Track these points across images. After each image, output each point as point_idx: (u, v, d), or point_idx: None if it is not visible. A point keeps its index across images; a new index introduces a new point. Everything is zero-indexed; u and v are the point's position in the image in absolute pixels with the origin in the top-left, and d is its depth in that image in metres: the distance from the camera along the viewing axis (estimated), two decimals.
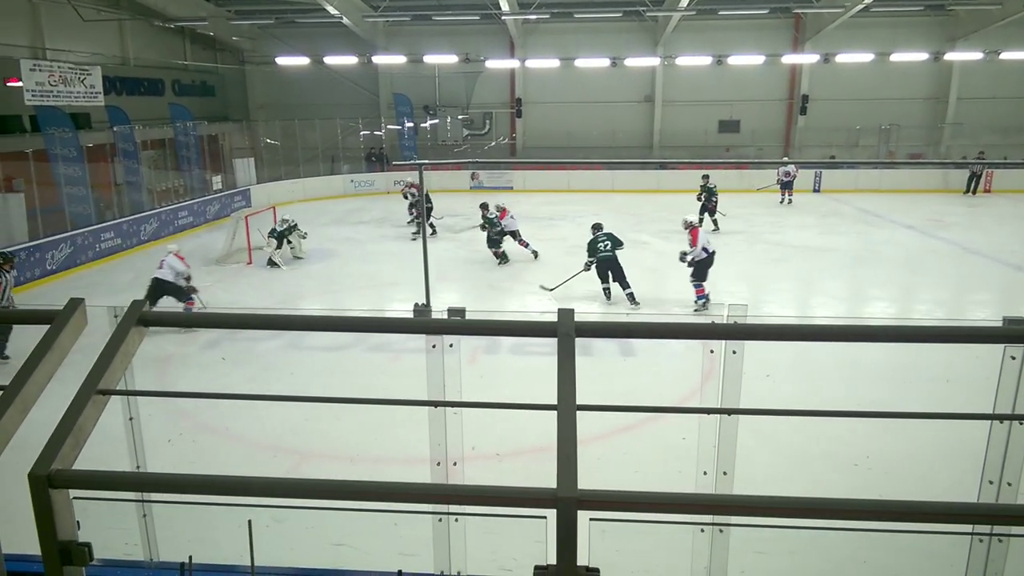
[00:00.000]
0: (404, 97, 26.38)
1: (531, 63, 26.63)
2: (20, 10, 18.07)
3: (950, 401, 7.17)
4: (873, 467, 6.09)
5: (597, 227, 11.56)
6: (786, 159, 23.66)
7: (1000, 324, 2.26)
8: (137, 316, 1.82)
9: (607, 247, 11.01)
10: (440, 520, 2.64)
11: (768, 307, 11.40)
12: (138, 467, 3.03)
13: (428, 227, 16.70)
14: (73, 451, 1.53)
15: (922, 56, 24.43)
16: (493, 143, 28.06)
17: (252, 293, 12.42)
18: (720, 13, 24.65)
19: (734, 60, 25.13)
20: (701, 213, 17.00)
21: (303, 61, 26.05)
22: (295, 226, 14.77)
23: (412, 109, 26.50)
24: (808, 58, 25.52)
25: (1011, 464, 2.41)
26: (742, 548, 2.80)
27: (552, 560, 1.37)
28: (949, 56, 24.66)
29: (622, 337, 6.10)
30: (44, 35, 18.59)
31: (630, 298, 11.01)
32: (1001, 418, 2.43)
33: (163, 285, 10.41)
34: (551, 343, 1.72)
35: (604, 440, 6.50)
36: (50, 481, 1.43)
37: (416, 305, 2.63)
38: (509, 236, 14.24)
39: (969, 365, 7.51)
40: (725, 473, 2.65)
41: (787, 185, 21.29)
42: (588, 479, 1.42)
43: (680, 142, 26.56)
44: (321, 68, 26.61)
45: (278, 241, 14.36)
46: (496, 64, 26.64)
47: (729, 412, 2.52)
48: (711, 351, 2.63)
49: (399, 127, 26.44)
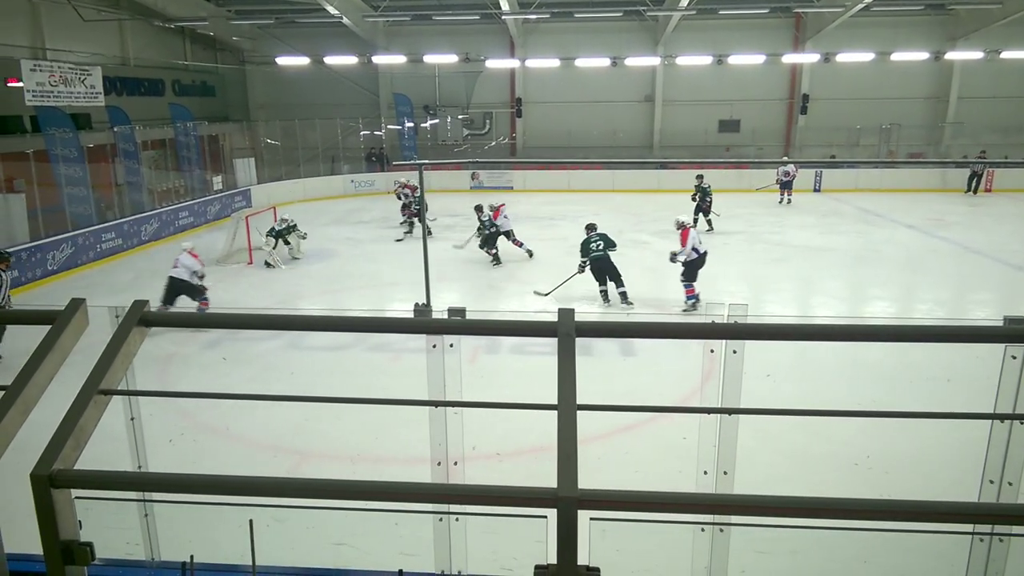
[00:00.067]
0: (404, 97, 26.39)
1: (531, 63, 26.63)
2: (20, 10, 18.07)
3: (951, 401, 7.17)
4: (874, 467, 6.09)
5: (591, 227, 11.58)
6: (786, 159, 23.65)
7: (1001, 324, 2.26)
8: (138, 316, 1.83)
9: (599, 247, 11.02)
10: (441, 520, 2.64)
11: (768, 307, 11.40)
12: (139, 467, 3.03)
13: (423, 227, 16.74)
14: (75, 451, 1.53)
15: (923, 55, 24.43)
16: (493, 143, 28.06)
17: (252, 293, 12.42)
18: (720, 13, 24.66)
19: (734, 60, 25.12)
20: (696, 213, 17.00)
21: (303, 61, 26.06)
22: (294, 226, 14.76)
23: (412, 109, 26.51)
24: (808, 58, 25.51)
25: (1012, 464, 2.42)
26: (743, 548, 2.80)
27: (552, 560, 1.37)
28: (950, 55, 24.65)
29: (622, 337, 6.09)
30: (44, 35, 18.59)
31: (622, 296, 11.02)
32: (1002, 418, 2.43)
33: (178, 284, 10.34)
34: (551, 343, 1.73)
35: (604, 440, 6.50)
36: (52, 481, 1.43)
37: (416, 305, 2.64)
38: (503, 236, 14.19)
39: (970, 365, 7.52)
40: (725, 473, 2.66)
41: (787, 185, 21.25)
42: (588, 479, 1.42)
43: (680, 142, 26.56)
44: (321, 68, 26.61)
45: (276, 240, 14.37)
46: (496, 64, 26.64)
47: (729, 412, 2.52)
48: (711, 351, 2.63)
49: (399, 127, 26.46)
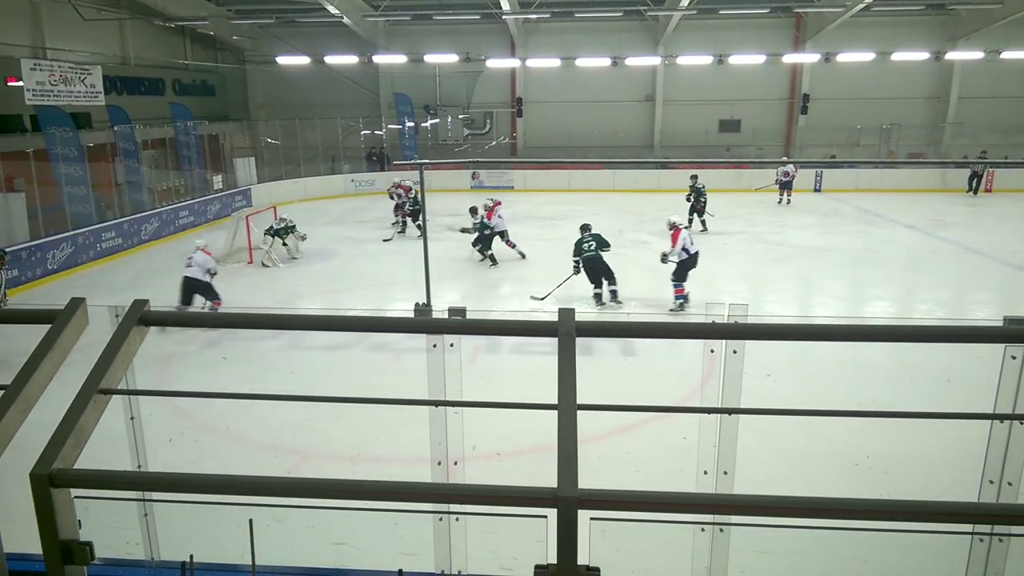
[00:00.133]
0: (405, 97, 26.39)
1: (532, 62, 26.62)
2: (20, 9, 18.07)
3: (951, 401, 7.17)
4: (874, 467, 6.09)
5: (585, 228, 11.62)
6: (785, 159, 23.63)
7: (1001, 324, 2.26)
8: (138, 315, 1.82)
9: (591, 247, 11.04)
10: (441, 519, 2.64)
11: (768, 307, 11.39)
12: (139, 466, 3.03)
13: (416, 228, 16.74)
14: (74, 450, 1.53)
15: (923, 56, 24.42)
16: (494, 143, 28.06)
17: (252, 293, 12.41)
18: (721, 12, 24.66)
19: (735, 59, 25.11)
20: (691, 214, 16.99)
21: (304, 61, 26.05)
22: (293, 227, 14.77)
23: (413, 108, 26.52)
24: (809, 57, 25.50)
25: (1011, 464, 2.41)
26: (743, 548, 2.80)
27: (552, 559, 1.37)
28: (950, 56, 24.65)
29: (622, 337, 6.10)
30: (44, 35, 18.59)
31: (612, 295, 11.03)
32: (1002, 418, 2.43)
33: (194, 284, 10.28)
34: (552, 343, 1.73)
35: (605, 440, 6.50)
36: (51, 480, 1.43)
37: (417, 305, 2.64)
38: (497, 236, 14.18)
39: (970, 365, 7.52)
40: (726, 473, 2.65)
41: (786, 185, 21.21)
42: (589, 479, 1.42)
43: (681, 142, 26.56)
44: (322, 68, 26.61)
45: (273, 239, 14.39)
46: (497, 63, 26.63)
47: (729, 412, 2.52)
48: (711, 351, 2.63)
49: (400, 127, 26.47)
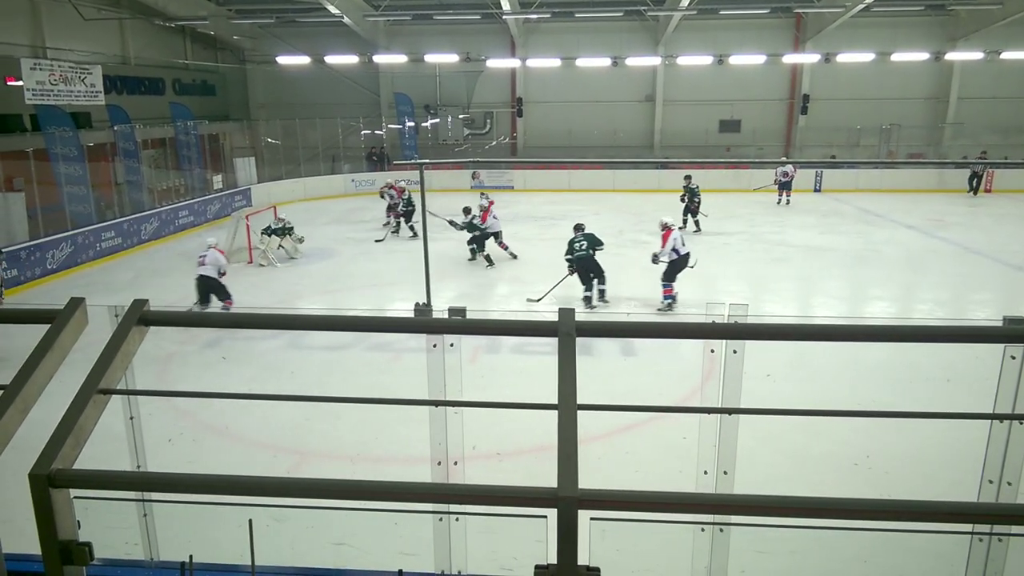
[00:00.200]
0: (405, 96, 26.39)
1: (532, 62, 26.62)
2: (20, 9, 18.07)
3: (950, 401, 7.18)
4: (873, 467, 6.09)
5: (578, 227, 11.65)
6: (784, 159, 23.62)
7: (1000, 324, 2.26)
8: (138, 315, 1.82)
9: (583, 246, 11.06)
10: (441, 519, 2.63)
11: (768, 307, 11.39)
12: (139, 467, 3.03)
13: (409, 229, 16.75)
14: (74, 450, 1.53)
15: (923, 56, 24.42)
16: (494, 142, 28.06)
17: (252, 292, 12.41)
18: (721, 13, 24.66)
19: (735, 60, 25.12)
20: (685, 214, 16.98)
21: (304, 60, 26.05)
22: (291, 229, 14.78)
23: (413, 108, 26.53)
24: (809, 58, 25.50)
25: (1011, 464, 2.41)
26: (743, 548, 2.80)
27: (552, 560, 1.37)
28: (950, 56, 24.65)
29: (622, 337, 6.09)
30: (44, 34, 18.59)
31: (600, 295, 11.04)
32: (1001, 418, 2.42)
33: (209, 283, 10.28)
34: (552, 343, 1.73)
35: (605, 440, 6.50)
36: (51, 480, 1.43)
37: (417, 304, 2.63)
38: (492, 237, 14.22)
39: (969, 365, 7.53)
40: (726, 473, 2.65)
41: (785, 186, 21.19)
42: (589, 479, 1.42)
43: (681, 142, 26.56)
44: (322, 67, 26.61)
45: (269, 237, 14.41)
46: (497, 63, 26.63)
47: (729, 412, 2.52)
48: (711, 351, 2.62)
49: (400, 126, 26.48)
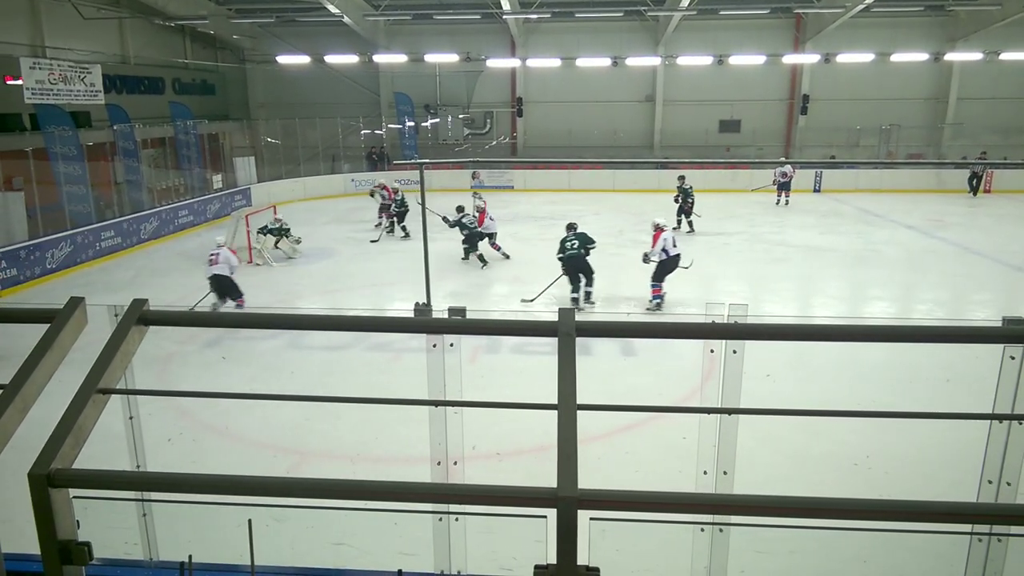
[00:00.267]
0: (405, 96, 26.38)
1: (532, 62, 26.63)
2: (20, 8, 18.07)
3: (950, 401, 7.18)
4: (873, 467, 6.09)
5: (571, 227, 11.66)
6: (783, 159, 23.62)
7: (1000, 324, 2.26)
8: (137, 315, 1.82)
9: (573, 246, 11.04)
10: (440, 519, 2.63)
11: (768, 307, 11.39)
12: (138, 466, 3.02)
13: (401, 229, 16.74)
14: (73, 450, 1.53)
15: (922, 56, 24.44)
16: (494, 142, 28.06)
17: (252, 292, 12.36)
18: (721, 13, 24.65)
19: (735, 60, 25.13)
20: (678, 215, 16.96)
21: (304, 60, 26.05)
22: (288, 230, 14.79)
23: (413, 108, 26.52)
24: (809, 58, 25.51)
25: (1010, 464, 2.41)
26: (742, 548, 2.80)
27: (552, 560, 1.37)
28: (949, 56, 24.66)
29: (622, 337, 6.08)
30: (44, 33, 18.58)
31: (587, 296, 11.03)
32: (1000, 418, 2.42)
33: (223, 281, 10.28)
34: (551, 343, 1.73)
35: (604, 440, 6.50)
36: (50, 480, 1.43)
37: (416, 304, 2.63)
38: (487, 238, 14.26)
39: (969, 365, 7.53)
40: (725, 473, 2.65)
41: (784, 186, 21.15)
42: (588, 479, 1.42)
43: (681, 142, 26.57)
44: (322, 67, 26.61)
45: (265, 237, 14.43)
46: (497, 63, 26.64)
47: (729, 412, 2.52)
48: (711, 351, 2.62)
49: (400, 126, 26.47)
